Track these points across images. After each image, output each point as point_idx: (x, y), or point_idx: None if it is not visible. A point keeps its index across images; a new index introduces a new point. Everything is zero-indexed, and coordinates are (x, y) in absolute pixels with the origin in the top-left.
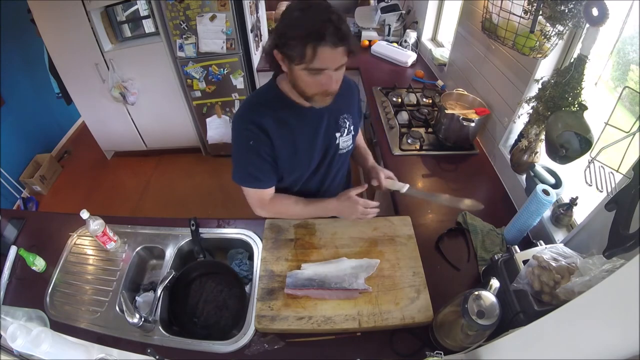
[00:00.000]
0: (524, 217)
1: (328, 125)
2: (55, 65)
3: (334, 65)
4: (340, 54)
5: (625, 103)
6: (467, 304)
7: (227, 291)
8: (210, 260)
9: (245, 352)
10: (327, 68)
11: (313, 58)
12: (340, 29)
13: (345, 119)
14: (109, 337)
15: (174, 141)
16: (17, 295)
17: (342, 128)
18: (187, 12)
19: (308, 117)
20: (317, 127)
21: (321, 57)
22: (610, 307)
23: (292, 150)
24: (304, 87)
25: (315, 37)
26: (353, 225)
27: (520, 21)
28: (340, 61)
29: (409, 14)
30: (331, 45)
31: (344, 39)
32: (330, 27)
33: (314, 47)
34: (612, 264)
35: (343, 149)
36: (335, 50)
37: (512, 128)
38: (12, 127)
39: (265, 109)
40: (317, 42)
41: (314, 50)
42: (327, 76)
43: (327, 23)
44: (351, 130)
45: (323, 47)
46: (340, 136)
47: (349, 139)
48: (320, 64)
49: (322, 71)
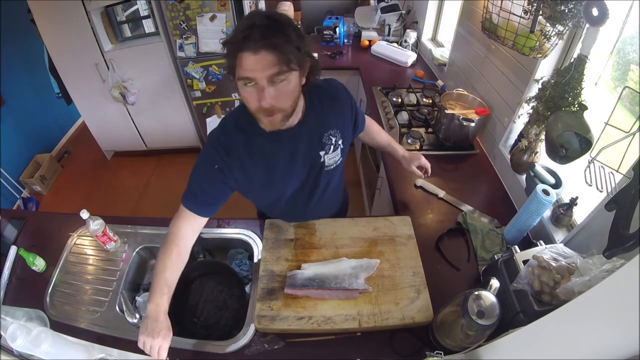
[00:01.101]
0: (524, 217)
1: (309, 146)
2: (55, 65)
3: (261, 74)
4: (265, 60)
5: (625, 103)
6: (467, 304)
7: (227, 291)
8: (210, 260)
9: (245, 352)
10: (254, 77)
11: (238, 64)
12: (265, 34)
13: (330, 135)
14: (109, 337)
15: (173, 141)
16: (17, 295)
17: (326, 146)
18: (187, 12)
19: (284, 141)
20: (294, 151)
21: (244, 63)
22: (610, 307)
23: (267, 175)
24: (247, 104)
25: (237, 42)
26: (353, 225)
27: (520, 21)
28: (267, 69)
29: (409, 14)
30: (252, 51)
31: (268, 45)
32: (253, 32)
33: (236, 52)
34: (612, 264)
35: (329, 165)
36: (257, 55)
37: (512, 128)
38: (12, 127)
39: (238, 134)
40: (239, 46)
41: (236, 57)
42: (259, 88)
43: (252, 27)
44: (339, 145)
45: (244, 52)
46: (325, 154)
47: (336, 155)
48: (244, 72)
49: (251, 80)
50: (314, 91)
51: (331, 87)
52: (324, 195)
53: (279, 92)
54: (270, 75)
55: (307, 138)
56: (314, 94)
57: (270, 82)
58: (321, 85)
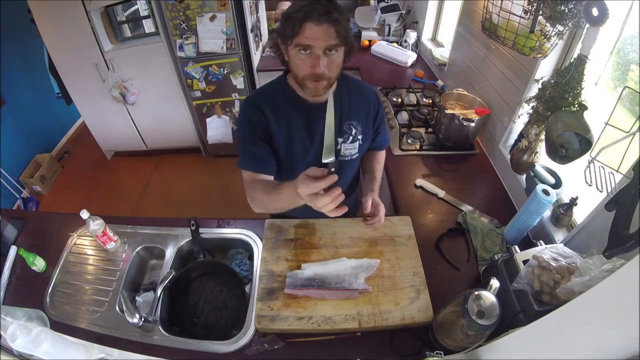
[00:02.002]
0: (524, 217)
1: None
2: (55, 65)
3: (320, 43)
4: (326, 32)
5: (625, 103)
6: (467, 304)
7: (227, 291)
8: (210, 260)
9: (245, 352)
10: (314, 45)
11: (299, 33)
12: (329, 10)
13: (351, 125)
14: (109, 337)
15: (174, 141)
16: (17, 295)
17: (345, 134)
18: (187, 12)
19: (308, 113)
20: (315, 124)
21: (307, 32)
22: (610, 307)
23: (288, 139)
24: (296, 70)
25: (303, 13)
26: (353, 225)
27: (520, 21)
28: (326, 40)
29: (409, 14)
30: (316, 22)
31: (330, 19)
32: (318, 7)
33: (301, 22)
34: (612, 264)
35: (345, 156)
36: (320, 27)
37: (512, 128)
38: (12, 127)
39: (267, 98)
40: (304, 17)
41: (301, 25)
42: (314, 56)
43: (317, 3)
44: (358, 139)
45: (309, 22)
46: (342, 142)
47: (354, 148)
48: (306, 40)
49: (310, 48)
50: (347, 81)
51: (363, 85)
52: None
53: (331, 62)
54: (328, 45)
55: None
56: (346, 84)
57: (324, 52)
58: (354, 80)
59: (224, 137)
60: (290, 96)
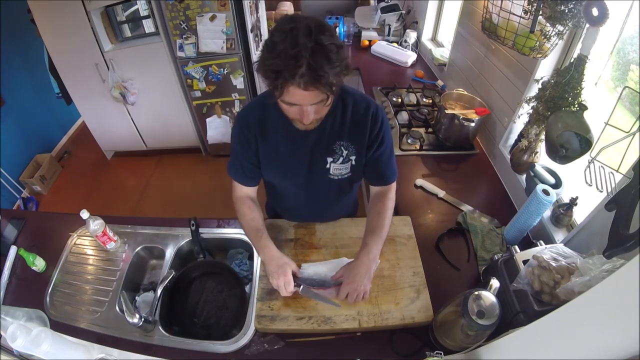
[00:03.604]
0: (524, 217)
1: (316, 145)
2: (55, 65)
3: (307, 102)
4: (314, 95)
5: (625, 103)
6: (467, 304)
7: (227, 291)
8: (210, 260)
9: (245, 352)
10: (301, 104)
11: (284, 93)
12: (314, 67)
13: (342, 146)
14: (109, 337)
15: (173, 141)
16: (17, 295)
17: (335, 155)
18: (187, 12)
19: (296, 128)
20: (302, 141)
21: (292, 93)
22: (610, 307)
23: (273, 154)
24: (284, 111)
25: (285, 76)
26: (353, 225)
27: (520, 21)
28: (312, 100)
29: (409, 14)
30: (301, 88)
31: (316, 82)
32: (301, 66)
33: (283, 84)
34: (612, 264)
35: (334, 175)
36: (306, 92)
37: (512, 128)
38: (12, 127)
39: (258, 109)
40: (287, 80)
41: (284, 87)
42: (300, 109)
43: (299, 57)
44: (350, 160)
45: (292, 86)
46: (332, 162)
47: (344, 168)
48: (290, 99)
49: (294, 105)
50: (345, 96)
51: (363, 102)
52: (328, 203)
53: (320, 109)
54: (316, 102)
55: (318, 137)
56: (343, 101)
57: (312, 104)
58: (354, 96)
59: (223, 137)
60: (280, 110)
